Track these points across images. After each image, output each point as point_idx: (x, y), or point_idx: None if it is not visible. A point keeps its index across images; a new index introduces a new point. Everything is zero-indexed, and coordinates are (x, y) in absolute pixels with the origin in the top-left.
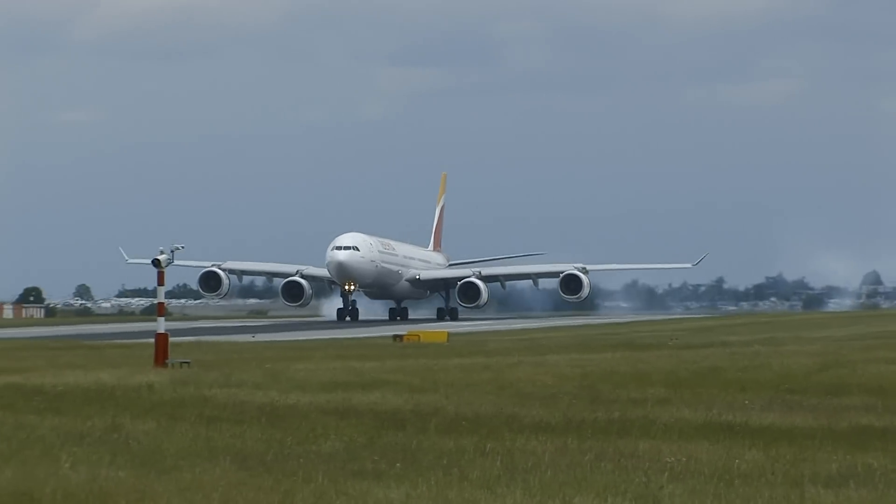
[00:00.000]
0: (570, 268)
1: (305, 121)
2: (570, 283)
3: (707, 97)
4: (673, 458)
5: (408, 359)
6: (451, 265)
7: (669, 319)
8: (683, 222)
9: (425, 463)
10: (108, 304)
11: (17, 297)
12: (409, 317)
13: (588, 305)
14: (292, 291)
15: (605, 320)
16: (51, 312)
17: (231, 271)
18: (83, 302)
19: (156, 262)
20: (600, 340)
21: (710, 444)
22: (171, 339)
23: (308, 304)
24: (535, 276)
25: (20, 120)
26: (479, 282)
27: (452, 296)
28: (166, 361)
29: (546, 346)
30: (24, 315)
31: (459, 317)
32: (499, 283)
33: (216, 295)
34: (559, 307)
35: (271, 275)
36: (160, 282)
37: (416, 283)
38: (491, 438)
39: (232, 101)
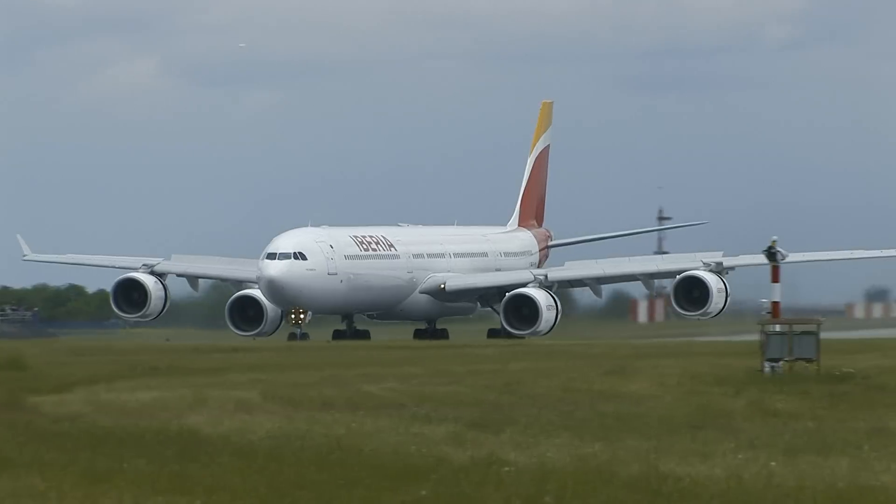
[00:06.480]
0: (697, 263)
1: None
2: (691, 289)
3: None
4: None
5: None
6: (550, 246)
7: None
8: None
9: None
10: None
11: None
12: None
13: None
14: (246, 312)
15: None
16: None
17: (179, 274)
18: None
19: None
20: None
21: None
22: None
23: (273, 331)
24: (644, 277)
25: None
26: (537, 294)
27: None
28: None
29: None
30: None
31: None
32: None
33: (140, 315)
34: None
35: (235, 281)
36: None
37: (440, 295)
38: None
39: None
